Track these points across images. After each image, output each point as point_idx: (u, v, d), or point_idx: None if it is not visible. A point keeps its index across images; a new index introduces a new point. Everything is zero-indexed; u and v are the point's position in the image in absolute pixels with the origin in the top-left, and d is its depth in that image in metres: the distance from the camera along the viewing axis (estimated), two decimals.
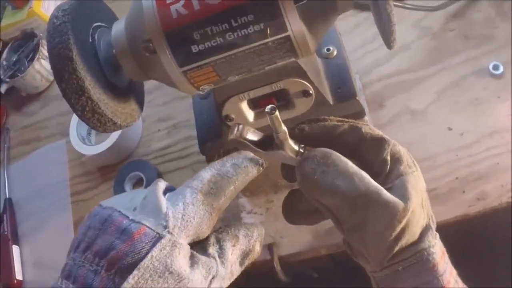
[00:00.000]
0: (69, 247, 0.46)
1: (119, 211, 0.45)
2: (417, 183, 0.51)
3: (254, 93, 0.64)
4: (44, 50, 1.21)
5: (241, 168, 0.50)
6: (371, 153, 0.52)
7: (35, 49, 1.22)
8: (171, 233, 0.43)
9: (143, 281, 0.41)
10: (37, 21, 1.25)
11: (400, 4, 0.91)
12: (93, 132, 1.10)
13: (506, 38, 0.91)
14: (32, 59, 1.21)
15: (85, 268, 0.43)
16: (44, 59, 1.21)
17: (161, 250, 0.42)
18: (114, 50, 0.58)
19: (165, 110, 1.09)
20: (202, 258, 0.45)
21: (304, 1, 0.52)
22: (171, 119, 1.07)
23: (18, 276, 1.05)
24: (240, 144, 0.51)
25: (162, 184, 0.49)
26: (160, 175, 0.99)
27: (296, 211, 0.56)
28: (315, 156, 0.49)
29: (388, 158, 0.51)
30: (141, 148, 1.07)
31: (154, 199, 0.46)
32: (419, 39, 0.97)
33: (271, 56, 0.55)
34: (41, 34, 1.23)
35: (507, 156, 0.79)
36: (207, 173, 0.49)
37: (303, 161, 0.50)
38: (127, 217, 0.44)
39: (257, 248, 0.51)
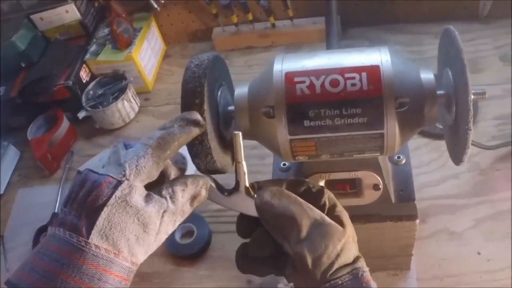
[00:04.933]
0: (63, 202, 0.60)
1: (91, 170, 0.59)
2: (348, 220, 0.63)
3: (334, 176, 0.74)
4: (130, 93, 1.33)
5: (185, 128, 0.63)
6: (311, 198, 0.63)
7: (122, 90, 1.34)
8: (128, 179, 0.58)
9: (111, 215, 0.56)
10: (131, 66, 1.37)
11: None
12: None
13: None
14: (116, 98, 1.33)
15: (72, 215, 0.56)
16: (127, 101, 1.33)
17: (121, 192, 0.57)
18: (234, 107, 0.69)
19: (231, 177, 1.16)
20: (156, 197, 0.60)
21: (403, 109, 0.63)
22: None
23: None
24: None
25: (121, 145, 0.63)
26: (210, 233, 1.07)
27: (248, 259, 0.67)
28: (271, 190, 0.63)
29: (327, 202, 0.64)
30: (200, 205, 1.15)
31: (115, 156, 0.60)
32: (468, 171, 1.08)
33: (363, 146, 0.66)
34: (131, 79, 1.35)
35: None
36: (158, 132, 0.62)
37: (261, 192, 0.63)
38: (97, 173, 0.58)
39: (203, 193, 0.65)
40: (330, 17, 1.21)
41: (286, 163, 0.84)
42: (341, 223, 0.62)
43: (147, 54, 1.44)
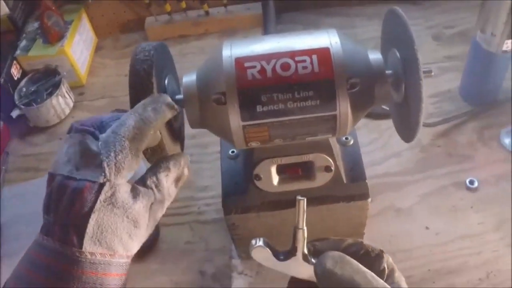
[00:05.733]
0: (42, 209, 0.58)
1: (67, 176, 0.57)
2: (406, 286, 0.60)
3: (286, 160, 0.74)
4: (64, 88, 1.29)
5: (160, 113, 0.61)
6: (370, 263, 0.59)
7: (56, 86, 1.30)
8: (109, 180, 0.56)
9: (100, 219, 0.55)
10: (63, 60, 1.33)
11: None
12: None
13: (484, 159, 1.07)
14: (50, 94, 1.29)
15: (58, 224, 0.55)
16: (62, 97, 1.29)
17: (105, 194, 0.56)
18: (182, 96, 0.68)
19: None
20: (142, 189, 0.59)
21: (354, 90, 0.64)
22: None
23: None
24: (262, 251, 0.60)
25: (89, 139, 0.59)
26: (158, 226, 1.05)
27: None
28: (333, 256, 0.57)
29: (386, 267, 0.60)
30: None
31: (88, 154, 0.57)
32: (410, 149, 1.10)
33: (315, 128, 0.66)
34: (65, 73, 1.31)
35: (474, 257, 0.92)
36: (131, 120, 0.59)
37: (322, 259, 0.57)
38: (75, 178, 0.56)
39: (186, 172, 0.65)
40: (266, 1, 1.20)
41: (235, 151, 0.83)
42: None
43: (79, 47, 1.40)
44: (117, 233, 0.56)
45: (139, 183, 0.60)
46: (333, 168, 0.75)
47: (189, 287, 0.98)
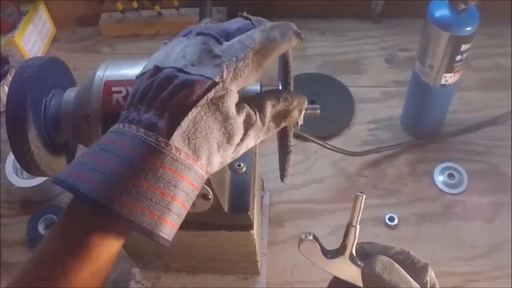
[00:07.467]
0: (128, 100, 0.55)
1: (181, 69, 0.53)
2: None
3: None
4: (11, 78, 1.29)
5: (287, 37, 0.56)
6: (415, 274, 0.59)
7: (3, 75, 1.30)
8: (224, 82, 0.52)
9: (199, 117, 0.51)
10: (14, 51, 1.33)
11: (320, 143, 1.02)
12: None
13: (411, 196, 1.04)
14: None
15: (150, 113, 0.52)
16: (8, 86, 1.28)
17: (215, 94, 0.51)
18: (60, 111, 0.67)
19: None
20: (247, 107, 0.54)
21: None
22: None
23: None
24: (311, 246, 0.62)
25: (212, 42, 0.56)
26: None
27: None
28: (383, 261, 0.58)
29: (429, 280, 0.60)
30: (64, 196, 1.12)
31: (208, 55, 0.54)
32: (333, 176, 1.09)
33: None
34: (13, 64, 1.31)
35: None
36: (258, 35, 0.55)
37: (372, 262, 0.58)
38: (189, 73, 0.53)
39: (295, 114, 0.59)
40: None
41: None
42: None
43: (32, 38, 1.40)
44: (209, 139, 0.52)
45: (245, 101, 0.55)
46: (211, 196, 0.74)
47: None
